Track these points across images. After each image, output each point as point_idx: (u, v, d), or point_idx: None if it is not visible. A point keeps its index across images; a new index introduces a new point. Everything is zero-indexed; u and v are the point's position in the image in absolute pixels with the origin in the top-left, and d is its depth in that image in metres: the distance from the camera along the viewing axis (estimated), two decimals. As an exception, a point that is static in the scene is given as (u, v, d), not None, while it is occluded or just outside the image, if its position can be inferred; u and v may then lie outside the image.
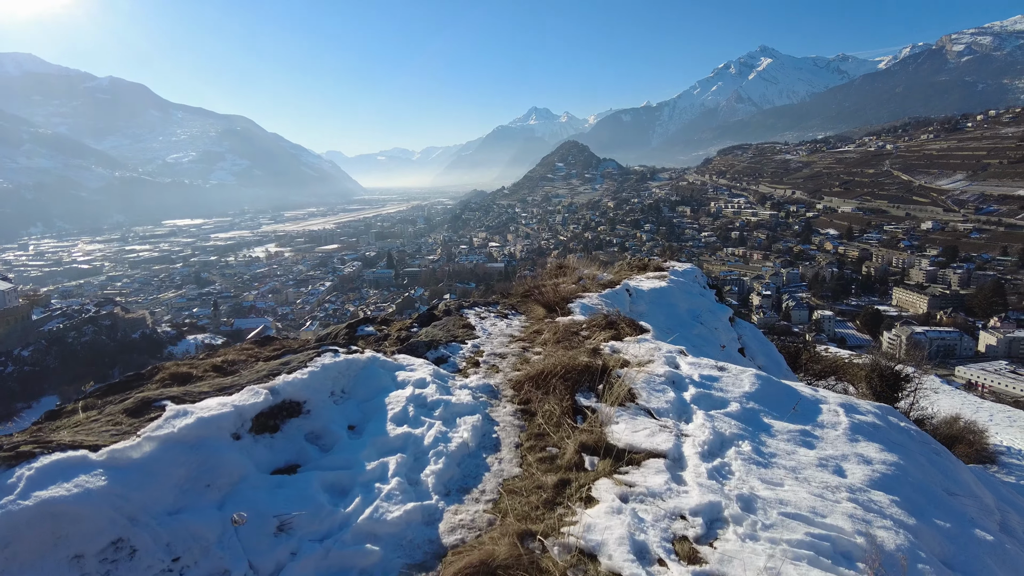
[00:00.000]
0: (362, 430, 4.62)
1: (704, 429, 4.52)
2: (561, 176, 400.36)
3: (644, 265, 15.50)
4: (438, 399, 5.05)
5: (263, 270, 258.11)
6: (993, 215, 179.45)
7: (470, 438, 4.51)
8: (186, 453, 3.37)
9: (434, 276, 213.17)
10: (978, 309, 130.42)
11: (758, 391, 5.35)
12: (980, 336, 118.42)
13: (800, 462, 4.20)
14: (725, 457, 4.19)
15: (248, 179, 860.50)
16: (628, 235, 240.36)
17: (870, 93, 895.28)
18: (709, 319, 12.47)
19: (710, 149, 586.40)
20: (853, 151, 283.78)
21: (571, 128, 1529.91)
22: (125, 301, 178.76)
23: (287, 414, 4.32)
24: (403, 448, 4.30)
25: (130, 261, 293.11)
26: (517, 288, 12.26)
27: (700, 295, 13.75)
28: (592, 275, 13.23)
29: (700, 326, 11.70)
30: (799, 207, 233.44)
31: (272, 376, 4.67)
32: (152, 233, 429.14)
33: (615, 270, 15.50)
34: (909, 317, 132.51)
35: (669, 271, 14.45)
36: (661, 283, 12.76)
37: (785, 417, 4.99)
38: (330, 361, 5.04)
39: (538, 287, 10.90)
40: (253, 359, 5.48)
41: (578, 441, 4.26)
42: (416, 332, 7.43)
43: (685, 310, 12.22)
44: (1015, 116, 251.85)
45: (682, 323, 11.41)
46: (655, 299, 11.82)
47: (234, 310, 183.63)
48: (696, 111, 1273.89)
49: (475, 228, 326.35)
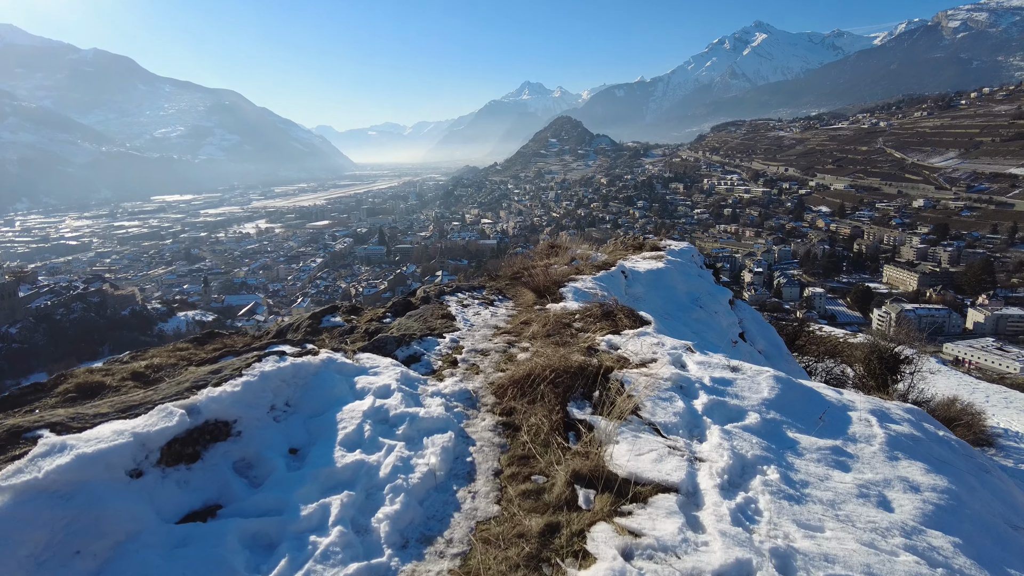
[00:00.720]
0: (305, 456, 3.79)
1: (722, 451, 3.77)
2: (554, 152, 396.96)
3: (640, 244, 14.81)
4: (403, 413, 4.23)
5: (253, 246, 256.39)
6: (984, 193, 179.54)
7: (439, 464, 3.73)
8: (53, 507, 2.50)
9: (426, 253, 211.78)
10: (967, 287, 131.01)
11: (778, 397, 4.62)
12: (968, 313, 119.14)
13: (838, 492, 3.45)
14: (749, 490, 3.44)
15: (238, 154, 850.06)
16: (621, 212, 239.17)
17: (865, 70, 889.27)
18: (709, 302, 11.88)
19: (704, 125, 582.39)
20: (847, 128, 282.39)
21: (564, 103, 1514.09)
22: (114, 278, 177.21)
23: (211, 437, 3.49)
24: (352, 481, 3.51)
25: (119, 237, 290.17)
26: (506, 269, 11.54)
27: (698, 276, 13.17)
28: (585, 255, 12.54)
29: (700, 310, 11.11)
30: (792, 184, 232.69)
31: (196, 389, 3.82)
32: (141, 209, 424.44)
33: (609, 249, 14.78)
34: (899, 294, 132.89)
35: (666, 251, 13.79)
36: (658, 264, 12.11)
37: (811, 430, 4.27)
38: (272, 367, 4.19)
39: (528, 269, 10.15)
40: (185, 362, 4.65)
41: (570, 469, 3.49)
42: (388, 323, 6.62)
43: (684, 293, 11.61)
44: (1008, 94, 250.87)
45: (681, 307, 10.87)
46: (652, 281, 11.19)
47: (225, 286, 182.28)
48: (690, 87, 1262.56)
49: (467, 204, 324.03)
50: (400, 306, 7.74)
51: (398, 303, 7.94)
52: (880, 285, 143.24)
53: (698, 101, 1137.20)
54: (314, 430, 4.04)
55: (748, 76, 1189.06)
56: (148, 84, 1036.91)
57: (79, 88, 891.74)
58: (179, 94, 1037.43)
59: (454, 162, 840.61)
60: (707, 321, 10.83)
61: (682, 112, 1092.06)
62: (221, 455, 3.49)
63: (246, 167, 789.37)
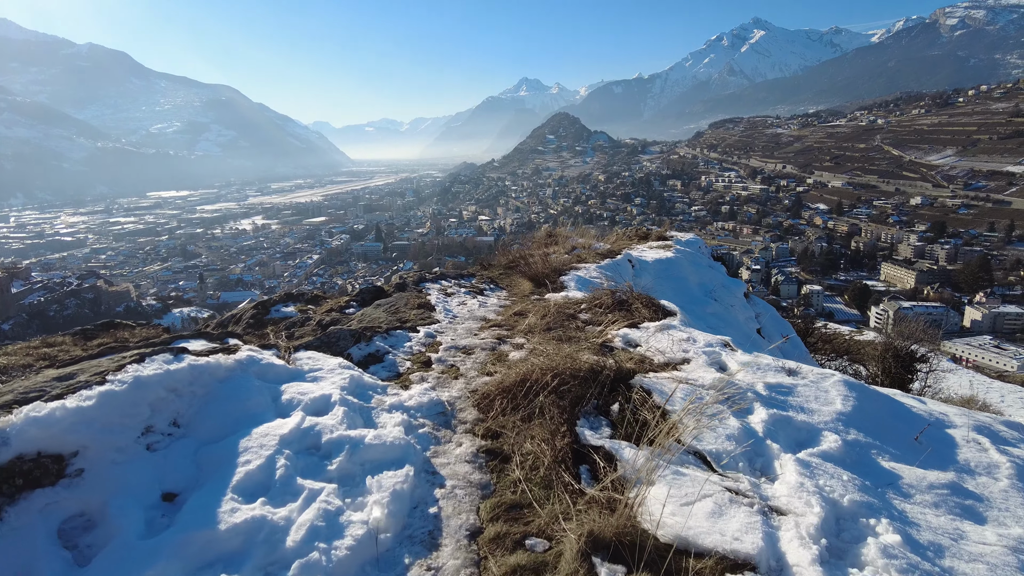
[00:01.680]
0: (182, 504, 2.60)
1: (806, 495, 2.57)
2: (552, 149, 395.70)
3: (645, 234, 13.80)
4: (341, 437, 2.91)
5: (250, 243, 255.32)
6: (981, 191, 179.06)
7: (384, 520, 2.56)
8: None
9: (423, 249, 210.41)
10: (964, 284, 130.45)
11: (855, 410, 3.46)
12: (966, 311, 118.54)
13: (989, 562, 2.33)
14: (864, 564, 2.25)
15: (234, 150, 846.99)
16: (619, 209, 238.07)
17: (863, 67, 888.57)
18: (723, 295, 10.93)
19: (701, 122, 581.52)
20: (844, 125, 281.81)
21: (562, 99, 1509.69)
22: (109, 274, 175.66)
23: (26, 482, 2.34)
24: (240, 557, 2.34)
25: (115, 233, 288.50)
26: (499, 259, 10.41)
27: (709, 268, 12.22)
28: (587, 244, 11.58)
29: (714, 303, 10.18)
30: (789, 182, 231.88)
31: (19, 404, 2.61)
32: (137, 205, 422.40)
33: (612, 239, 13.73)
34: (897, 292, 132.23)
35: (673, 241, 12.80)
36: (667, 253, 11.11)
37: (909, 455, 3.13)
38: (155, 371, 2.90)
39: (524, 257, 9.12)
40: (45, 362, 3.35)
41: (585, 529, 2.26)
42: (350, 315, 5.44)
43: (696, 284, 10.65)
44: (1006, 91, 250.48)
45: (694, 299, 9.93)
46: (661, 271, 10.25)
47: (221, 283, 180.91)
48: (688, 83, 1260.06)
49: (465, 201, 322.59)
50: (369, 294, 6.51)
51: (366, 290, 6.71)
52: (878, 283, 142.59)
53: (696, 98, 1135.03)
54: (207, 463, 2.79)
55: (746, 73, 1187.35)
56: (144, 79, 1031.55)
57: (74, 83, 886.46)
58: (175, 89, 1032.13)
59: (451, 158, 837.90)
60: (723, 315, 9.89)
61: (680, 109, 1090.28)
62: (39, 511, 2.33)
63: (242, 163, 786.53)
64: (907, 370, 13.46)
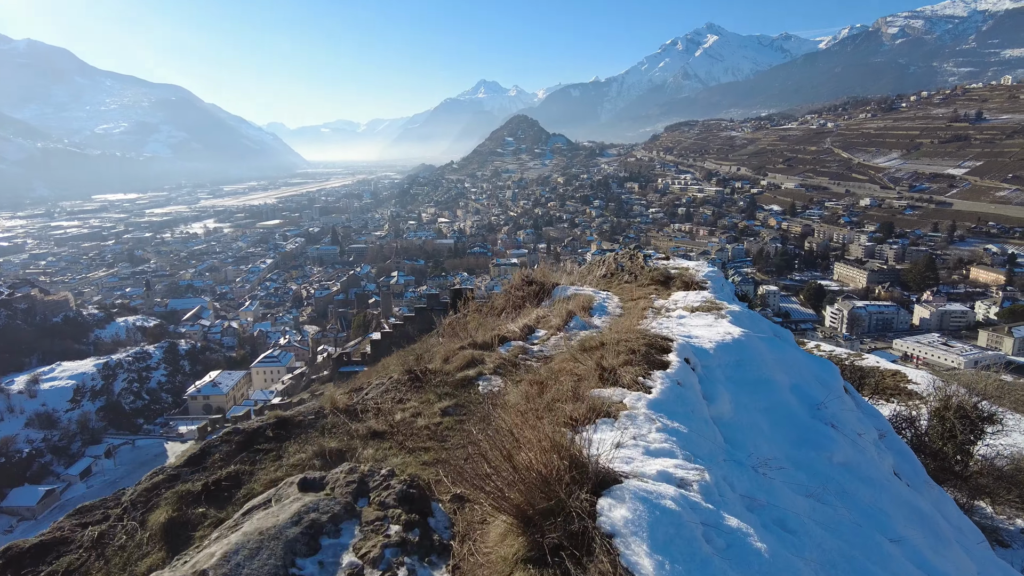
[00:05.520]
0: None
1: None
2: (511, 151, 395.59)
3: (666, 278, 10.10)
4: None
5: (201, 247, 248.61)
6: (925, 192, 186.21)
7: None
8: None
9: (381, 253, 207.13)
10: (912, 283, 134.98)
11: None
12: (915, 310, 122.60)
13: None
14: None
15: (185, 152, 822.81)
16: (578, 211, 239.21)
17: (811, 72, 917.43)
18: (839, 410, 6.41)
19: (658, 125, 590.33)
20: (796, 128, 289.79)
21: (520, 102, 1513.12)
22: (50, 281, 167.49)
23: None
24: None
25: (56, 238, 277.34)
26: (440, 348, 7.71)
27: (776, 337, 7.97)
28: (585, 302, 8.33)
29: (834, 435, 5.77)
30: (744, 183, 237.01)
31: None
32: (81, 208, 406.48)
33: (615, 283, 10.54)
34: (850, 291, 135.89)
35: (711, 289, 9.29)
36: (727, 328, 6.92)
37: None
38: None
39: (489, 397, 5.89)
40: None
41: None
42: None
43: (788, 388, 6.42)
44: (945, 97, 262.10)
45: (803, 437, 5.62)
46: (733, 369, 6.15)
47: (170, 289, 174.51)
48: (644, 87, 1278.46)
49: (424, 203, 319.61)
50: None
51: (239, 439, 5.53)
52: (832, 282, 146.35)
53: (652, 101, 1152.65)
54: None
55: (700, 77, 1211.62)
56: (88, 77, 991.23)
57: (12, 81, 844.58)
58: (122, 88, 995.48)
59: (409, 160, 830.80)
60: (859, 466, 5.60)
61: (636, 112, 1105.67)
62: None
63: (194, 165, 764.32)
64: (972, 430, 10.01)
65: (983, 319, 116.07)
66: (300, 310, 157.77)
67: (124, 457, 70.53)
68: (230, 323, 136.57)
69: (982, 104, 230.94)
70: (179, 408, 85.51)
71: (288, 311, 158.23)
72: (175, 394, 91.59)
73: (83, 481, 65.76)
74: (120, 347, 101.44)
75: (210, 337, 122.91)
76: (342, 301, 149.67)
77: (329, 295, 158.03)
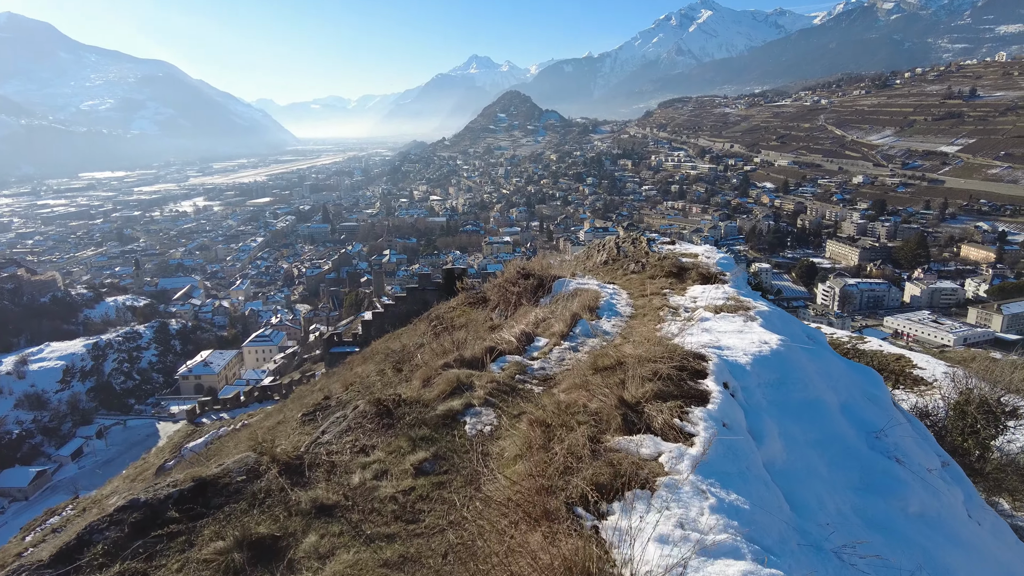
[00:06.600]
0: None
1: None
2: (503, 127, 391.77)
3: (679, 269, 9.08)
4: None
5: (191, 225, 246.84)
6: (918, 170, 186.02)
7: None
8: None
9: (373, 231, 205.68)
10: (904, 261, 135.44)
11: None
12: (906, 287, 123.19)
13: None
14: None
15: (173, 129, 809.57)
16: (571, 189, 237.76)
17: (805, 48, 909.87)
18: (899, 438, 5.55)
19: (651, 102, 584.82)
20: (790, 105, 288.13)
21: (512, 78, 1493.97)
22: (37, 261, 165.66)
23: None
24: None
25: (43, 217, 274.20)
26: (421, 360, 6.87)
27: (807, 336, 7.02)
28: (590, 301, 7.42)
29: (903, 473, 4.98)
30: (737, 160, 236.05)
31: None
32: (68, 187, 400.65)
33: (619, 273, 9.72)
34: (842, 269, 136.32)
35: (729, 279, 8.48)
36: (751, 327, 6.14)
37: None
38: None
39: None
40: None
41: None
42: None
43: (837, 407, 5.53)
44: (939, 74, 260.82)
45: (870, 479, 4.77)
46: (775, 390, 5.16)
47: (160, 268, 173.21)
48: (637, 63, 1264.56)
49: (415, 181, 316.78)
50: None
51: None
52: (824, 260, 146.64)
53: (645, 77, 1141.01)
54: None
55: (694, 53, 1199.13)
56: (71, 52, 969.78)
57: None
58: (106, 64, 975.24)
59: (401, 137, 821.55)
60: (940, 519, 4.80)
61: (629, 88, 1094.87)
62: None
63: (182, 142, 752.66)
64: (994, 423, 9.45)
65: (973, 296, 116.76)
66: (291, 289, 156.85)
67: (116, 437, 70.32)
68: (221, 302, 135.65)
69: (976, 81, 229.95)
70: (170, 388, 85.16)
71: (279, 290, 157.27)
72: (166, 374, 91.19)
73: (75, 462, 65.58)
74: (110, 327, 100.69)
75: (201, 316, 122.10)
76: (334, 280, 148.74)
77: (320, 274, 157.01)
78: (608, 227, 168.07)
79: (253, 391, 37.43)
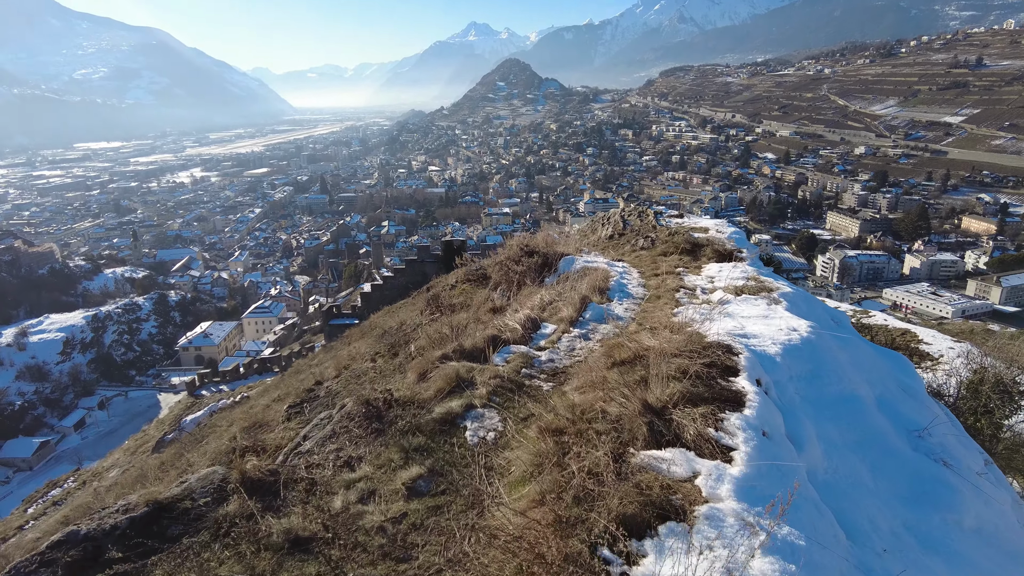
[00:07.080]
0: None
1: None
2: (502, 96, 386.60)
3: (693, 245, 8.54)
4: None
5: (188, 196, 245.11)
6: (920, 141, 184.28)
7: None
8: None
9: (371, 202, 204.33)
10: (904, 233, 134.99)
11: None
12: (905, 259, 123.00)
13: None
14: None
15: (168, 98, 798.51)
16: (571, 159, 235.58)
17: (810, 15, 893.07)
18: (943, 436, 5.07)
19: (652, 70, 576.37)
20: (792, 75, 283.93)
21: (512, 45, 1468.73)
22: (34, 232, 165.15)
23: None
24: None
25: (39, 188, 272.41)
26: (418, 347, 6.40)
27: (832, 319, 6.60)
28: (600, 281, 6.89)
29: (954, 478, 4.47)
30: (739, 131, 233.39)
31: None
32: (63, 157, 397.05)
33: (627, 249, 9.21)
34: (842, 241, 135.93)
35: (746, 257, 7.98)
36: (776, 310, 5.68)
37: None
38: None
39: None
40: None
41: None
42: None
43: (874, 402, 5.05)
44: (945, 43, 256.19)
45: (919, 486, 4.29)
46: (808, 384, 4.71)
47: (158, 240, 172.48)
48: (639, 31, 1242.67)
49: (414, 151, 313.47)
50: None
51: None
52: (824, 231, 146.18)
53: (647, 45, 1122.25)
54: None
55: (696, 20, 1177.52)
56: (62, 19, 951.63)
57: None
58: (99, 31, 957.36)
59: (399, 106, 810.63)
60: (997, 532, 4.30)
61: (631, 56, 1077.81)
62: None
63: (178, 112, 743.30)
64: (1010, 402, 9.14)
65: (972, 268, 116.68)
66: (290, 260, 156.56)
67: (117, 408, 70.85)
68: (220, 273, 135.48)
69: (983, 49, 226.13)
70: (171, 359, 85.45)
71: (278, 261, 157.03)
72: (166, 345, 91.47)
73: (77, 432, 66.15)
74: (109, 299, 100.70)
75: (200, 288, 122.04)
76: (332, 251, 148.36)
77: (319, 245, 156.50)
78: (608, 198, 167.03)
79: (253, 363, 37.54)
